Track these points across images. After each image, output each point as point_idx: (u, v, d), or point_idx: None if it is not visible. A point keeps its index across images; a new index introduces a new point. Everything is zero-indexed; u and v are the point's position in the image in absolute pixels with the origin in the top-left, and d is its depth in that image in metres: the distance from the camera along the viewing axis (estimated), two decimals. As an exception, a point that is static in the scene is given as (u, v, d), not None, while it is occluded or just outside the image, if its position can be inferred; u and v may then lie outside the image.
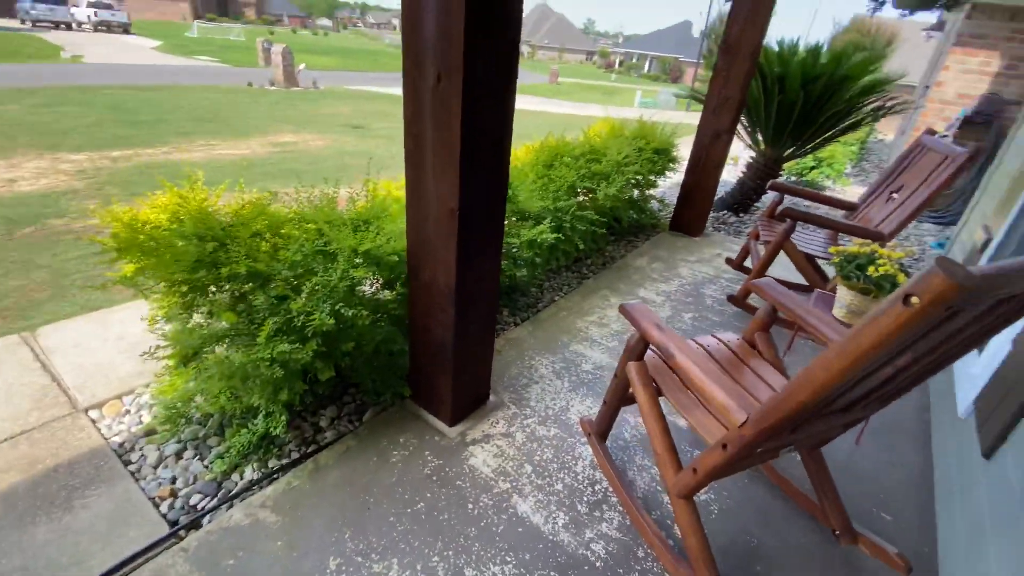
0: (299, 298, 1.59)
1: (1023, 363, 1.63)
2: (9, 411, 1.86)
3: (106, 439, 1.78)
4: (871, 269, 1.92)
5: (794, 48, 4.32)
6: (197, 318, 1.67)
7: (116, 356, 2.20)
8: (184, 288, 1.64)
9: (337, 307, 1.62)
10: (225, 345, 1.60)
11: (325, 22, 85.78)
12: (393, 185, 2.48)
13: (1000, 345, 1.89)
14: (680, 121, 4.88)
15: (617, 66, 55.53)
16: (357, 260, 1.77)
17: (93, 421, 1.86)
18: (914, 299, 0.78)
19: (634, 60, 55.00)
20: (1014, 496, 1.32)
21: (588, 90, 26.74)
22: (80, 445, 1.74)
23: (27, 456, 1.69)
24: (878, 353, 0.90)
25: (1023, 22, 5.70)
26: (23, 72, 12.12)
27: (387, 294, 2.17)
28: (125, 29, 27.39)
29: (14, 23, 25.74)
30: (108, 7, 27.61)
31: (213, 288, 1.65)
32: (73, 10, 27.15)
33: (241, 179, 1.91)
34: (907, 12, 3.21)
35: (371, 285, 2.15)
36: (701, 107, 4.06)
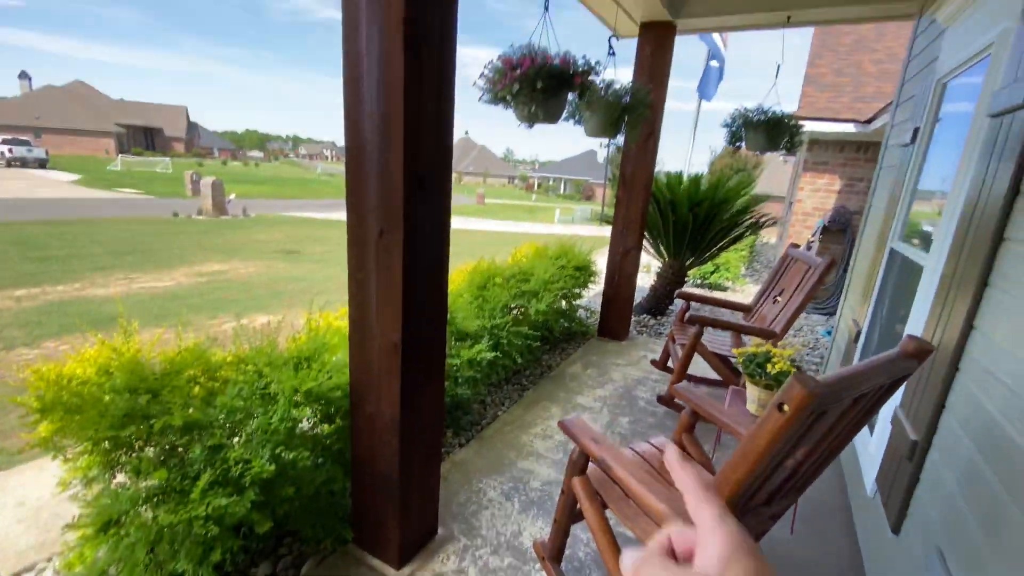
0: (236, 446, 1.55)
1: (902, 440, 1.89)
2: None
3: (-15, 639, 1.51)
4: (769, 366, 2.19)
5: (679, 178, 5.15)
6: (121, 478, 1.56)
7: (14, 527, 1.92)
8: (108, 445, 1.55)
9: (277, 451, 1.59)
10: (151, 505, 1.49)
11: (256, 154, 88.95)
12: (332, 316, 2.56)
13: (885, 425, 2.18)
14: (596, 235, 5.46)
15: (536, 188, 61.39)
16: (298, 399, 1.78)
17: (-31, 618, 1.58)
18: (785, 407, 0.97)
19: (550, 182, 61.28)
20: (920, 570, 1.47)
21: (512, 209, 29.08)
22: (-52, 653, 1.46)
23: None
24: (773, 451, 1.06)
25: (851, 152, 7.21)
26: (-87, 210, 11.34)
27: (325, 427, 2.13)
28: (41, 164, 26.83)
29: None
30: (24, 143, 27.24)
31: (141, 443, 1.57)
32: (-17, 147, 26.47)
33: (178, 318, 1.92)
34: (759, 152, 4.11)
35: (308, 421, 2.11)
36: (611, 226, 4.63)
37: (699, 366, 3.73)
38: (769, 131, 3.64)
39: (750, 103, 3.80)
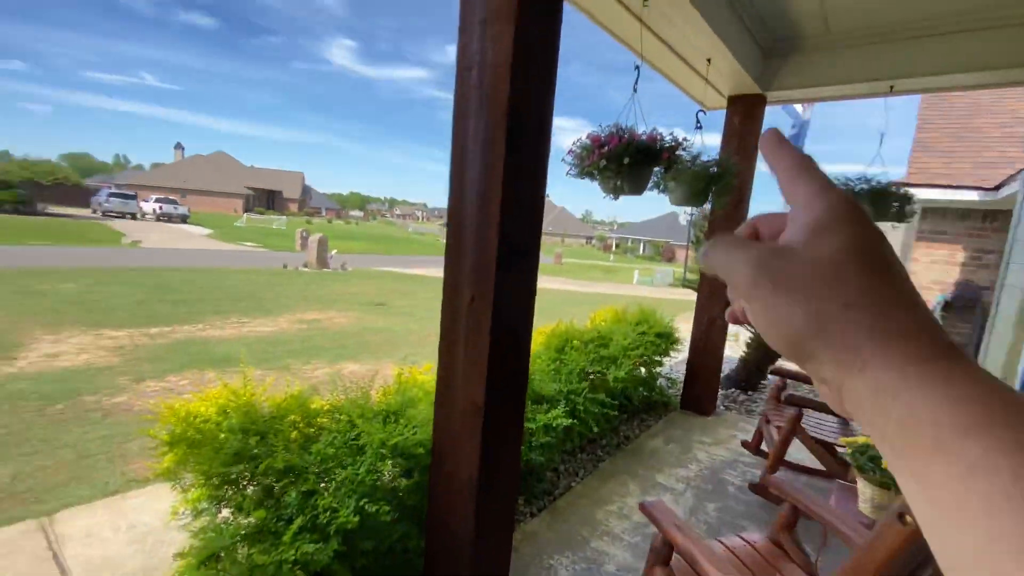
0: (326, 493, 1.64)
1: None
2: (1, 616, 1.76)
3: (95, 654, 1.65)
4: (884, 461, 1.95)
5: (772, 246, 4.92)
6: (225, 513, 1.70)
7: (125, 549, 2.14)
8: (217, 481, 1.71)
9: (362, 502, 1.65)
10: (248, 544, 1.60)
11: (357, 213, 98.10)
12: (417, 371, 2.68)
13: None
14: (677, 298, 5.28)
15: (614, 248, 61.39)
16: (384, 452, 1.86)
17: (86, 630, 1.74)
18: (908, 518, 0.87)
19: (629, 243, 61.05)
20: None
21: (589, 269, 29.14)
22: (67, 662, 1.61)
23: (6, 676, 1.56)
24: (893, 567, 0.94)
25: (976, 221, 6.51)
26: (85, 254, 13.67)
27: (402, 482, 2.18)
28: (183, 219, 31.49)
29: (86, 212, 29.92)
30: (172, 202, 32.28)
31: (245, 482, 1.72)
32: (142, 204, 31.71)
33: (280, 362, 2.11)
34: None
35: (388, 474, 2.18)
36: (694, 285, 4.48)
37: (800, 451, 3.38)
38: (874, 201, 3.42)
39: (849, 167, 3.63)
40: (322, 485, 1.79)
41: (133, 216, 30.49)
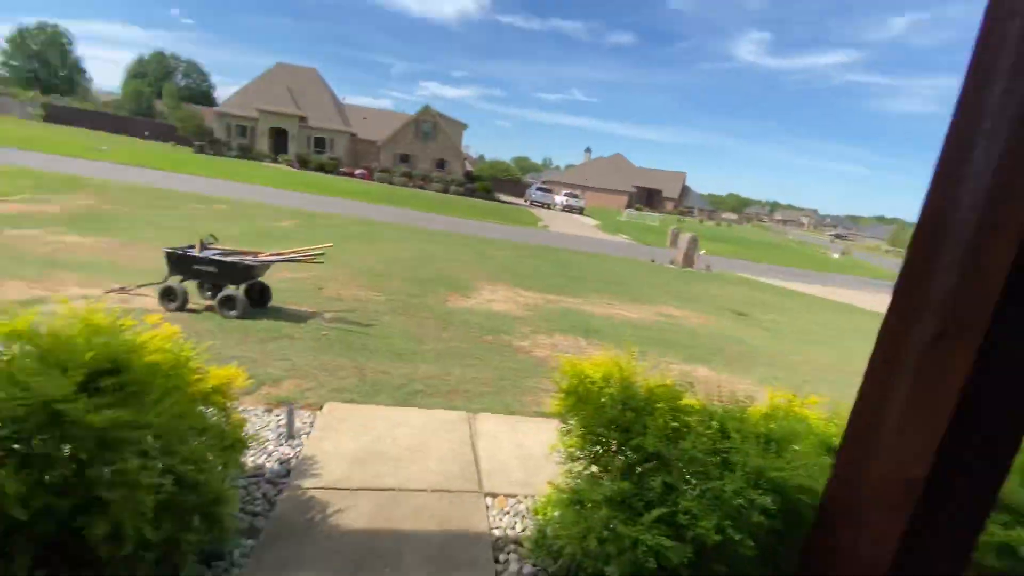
0: (689, 495, 1.57)
1: None
2: (446, 470, 2.54)
3: (490, 528, 2.16)
4: None
5: None
6: (594, 468, 1.89)
7: (512, 460, 2.72)
8: (592, 438, 1.90)
9: (725, 523, 1.51)
10: (608, 506, 1.72)
11: (730, 215, 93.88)
12: (797, 401, 2.27)
13: None
14: None
15: None
16: (756, 478, 1.64)
17: (487, 507, 2.31)
18: None
19: None
20: None
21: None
22: (475, 523, 2.18)
23: (442, 513, 2.23)
24: None
25: None
26: (516, 232, 18.25)
27: (759, 518, 1.89)
28: (580, 211, 37.74)
29: (520, 201, 39.93)
30: (575, 196, 39.05)
31: (613, 450, 1.85)
32: (555, 197, 39.72)
33: (640, 348, 2.14)
34: None
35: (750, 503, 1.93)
36: None
37: None
38: None
39: None
40: (692, 495, 1.74)
41: (548, 206, 38.66)
